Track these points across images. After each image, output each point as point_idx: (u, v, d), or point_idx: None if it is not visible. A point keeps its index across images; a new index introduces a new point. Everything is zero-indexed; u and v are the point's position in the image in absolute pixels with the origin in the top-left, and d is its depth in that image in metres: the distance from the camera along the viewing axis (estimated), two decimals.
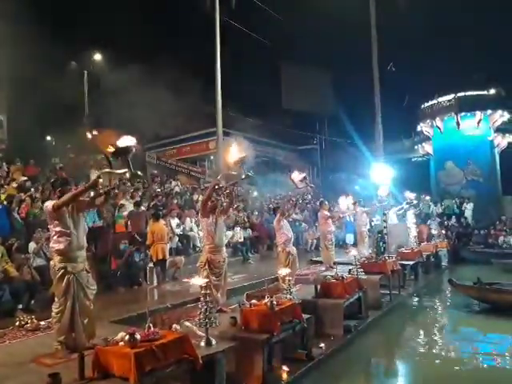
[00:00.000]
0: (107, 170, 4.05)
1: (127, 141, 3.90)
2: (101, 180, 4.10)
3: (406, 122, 25.42)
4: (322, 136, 29.07)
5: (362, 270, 7.84)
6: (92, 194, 4.15)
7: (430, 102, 24.33)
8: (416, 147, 26.56)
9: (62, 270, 4.17)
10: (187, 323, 4.55)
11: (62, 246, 4.18)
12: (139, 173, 3.89)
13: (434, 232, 14.94)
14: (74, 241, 4.23)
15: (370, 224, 13.47)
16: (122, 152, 3.91)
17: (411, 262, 10.30)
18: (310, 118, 27.17)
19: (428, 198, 14.26)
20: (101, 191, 4.16)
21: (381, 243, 9.76)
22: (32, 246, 7.44)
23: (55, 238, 4.23)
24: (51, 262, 4.32)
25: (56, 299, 4.24)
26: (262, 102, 24.38)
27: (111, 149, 3.90)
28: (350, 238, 15.07)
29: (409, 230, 12.67)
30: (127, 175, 3.88)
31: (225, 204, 6.42)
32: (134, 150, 3.95)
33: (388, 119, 20.05)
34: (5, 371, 3.91)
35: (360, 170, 11.50)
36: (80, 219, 4.38)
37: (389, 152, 21.58)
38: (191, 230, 11.29)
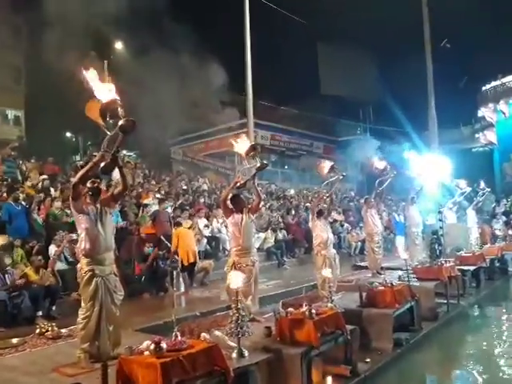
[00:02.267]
0: (107, 136, 4.19)
1: (107, 95, 4.05)
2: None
3: (464, 106, 24.61)
4: (366, 125, 28.61)
5: (414, 275, 7.66)
6: (101, 165, 4.27)
7: (493, 84, 23.45)
8: (477, 136, 25.64)
9: (90, 273, 4.34)
10: (217, 332, 4.60)
11: (88, 246, 4.36)
12: (131, 119, 4.00)
13: (498, 233, 14.39)
14: (101, 241, 4.40)
15: (424, 224, 13.14)
16: (109, 108, 4.04)
17: (472, 268, 9.98)
18: (352, 105, 26.80)
19: (483, 184, 13.70)
20: (108, 159, 4.26)
21: (436, 246, 9.49)
22: (52, 248, 7.77)
23: (82, 236, 4.43)
24: (78, 265, 4.52)
25: (83, 304, 4.40)
26: (297, 89, 24.28)
27: (99, 112, 4.08)
28: (400, 240, 14.75)
29: (469, 231, 12.26)
30: (120, 123, 4.00)
31: (253, 202, 6.47)
32: (118, 101, 4.07)
33: (443, 104, 19.47)
34: (28, 380, 4.12)
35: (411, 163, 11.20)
36: (107, 219, 4.55)
37: (445, 142, 20.94)
38: (219, 231, 11.41)
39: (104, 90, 4.10)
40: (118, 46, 19.99)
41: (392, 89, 22.64)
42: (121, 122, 4.01)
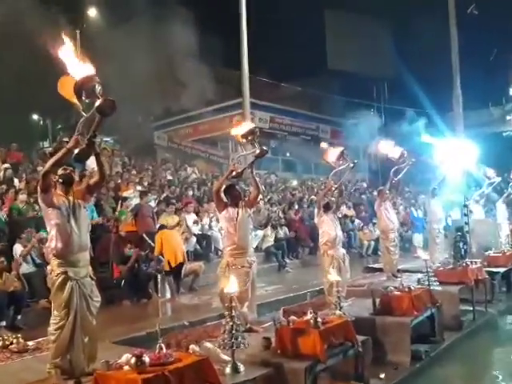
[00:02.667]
0: (82, 118, 4.19)
1: (84, 71, 4.02)
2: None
3: (494, 84, 24.52)
4: (380, 104, 28.57)
5: (435, 279, 7.68)
6: (76, 151, 4.24)
7: None
8: (508, 118, 25.66)
9: (63, 276, 4.32)
10: (208, 344, 4.62)
11: (60, 245, 4.34)
12: (110, 98, 4.00)
13: None
14: (74, 239, 4.38)
15: (446, 220, 13.15)
16: (85, 86, 4.01)
17: (502, 269, 10.01)
18: (364, 82, 26.67)
19: None
20: (83, 144, 4.22)
21: (460, 244, 9.52)
22: (18, 248, 7.77)
23: (52, 233, 4.40)
24: (48, 267, 4.52)
25: (55, 312, 4.38)
26: (301, 63, 24.15)
27: (73, 90, 4.04)
28: (419, 239, 14.83)
29: (499, 227, 12.31)
30: (97, 103, 3.98)
31: (250, 194, 6.47)
32: (95, 78, 4.04)
33: (470, 81, 19.45)
34: None
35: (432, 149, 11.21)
36: (82, 213, 4.53)
37: (471, 124, 20.94)
38: (210, 228, 11.43)
39: (79, 65, 4.06)
40: (92, 12, 19.83)
41: (410, 63, 22.53)
42: (98, 102, 3.98)
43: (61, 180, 4.47)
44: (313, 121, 25.78)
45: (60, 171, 4.47)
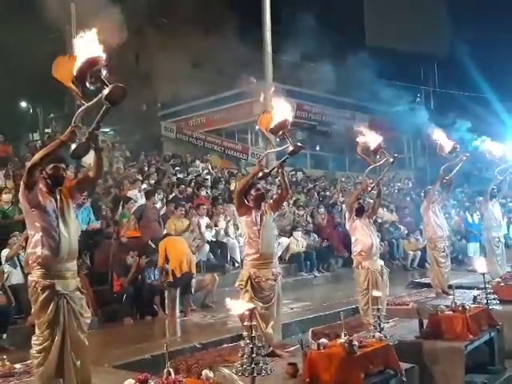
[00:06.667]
0: (83, 107, 4.21)
1: (89, 53, 4.03)
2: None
3: None
4: (429, 88, 28.30)
5: (495, 296, 7.60)
6: (73, 146, 4.25)
7: None
8: None
9: (49, 290, 4.30)
10: (224, 370, 4.64)
11: (47, 252, 4.31)
12: (121, 85, 3.99)
13: None
14: (64, 246, 4.37)
15: (508, 226, 12.99)
16: (90, 69, 4.01)
17: None
18: (410, 62, 26.51)
19: None
20: (83, 140, 4.25)
21: None
22: (3, 256, 7.89)
23: (37, 237, 4.35)
24: (29, 278, 4.45)
25: (38, 331, 4.37)
26: (334, 39, 24.02)
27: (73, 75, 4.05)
28: (475, 249, 14.69)
29: None
30: (107, 90, 3.98)
31: (277, 195, 6.50)
32: (102, 60, 4.05)
33: None
34: None
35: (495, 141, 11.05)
36: (71, 214, 4.53)
37: None
38: (226, 234, 11.47)
39: (82, 43, 4.06)
40: None
41: (467, 40, 22.33)
42: (108, 90, 3.99)
43: (50, 181, 4.42)
44: (347, 108, 25.64)
45: (49, 170, 4.42)
